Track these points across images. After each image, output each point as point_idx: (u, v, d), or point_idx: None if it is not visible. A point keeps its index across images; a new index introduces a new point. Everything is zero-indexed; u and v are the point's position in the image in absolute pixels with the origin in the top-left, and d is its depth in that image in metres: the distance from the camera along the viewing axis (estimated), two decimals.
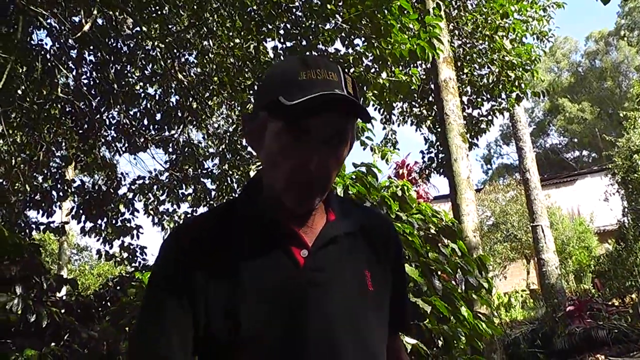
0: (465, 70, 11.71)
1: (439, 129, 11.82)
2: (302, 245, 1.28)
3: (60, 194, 9.27)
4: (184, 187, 10.12)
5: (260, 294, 1.22)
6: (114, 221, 9.44)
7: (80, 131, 8.90)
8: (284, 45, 7.28)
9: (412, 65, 8.06)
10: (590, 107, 40.75)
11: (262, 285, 1.23)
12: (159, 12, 8.10)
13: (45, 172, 9.31)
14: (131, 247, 9.43)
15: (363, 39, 6.41)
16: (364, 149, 8.56)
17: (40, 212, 9.06)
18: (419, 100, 12.27)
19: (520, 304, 18.42)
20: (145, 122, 9.45)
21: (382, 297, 1.36)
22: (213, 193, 10.03)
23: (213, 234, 1.30)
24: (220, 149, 10.30)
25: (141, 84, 9.36)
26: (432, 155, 12.37)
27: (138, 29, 8.24)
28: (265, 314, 1.21)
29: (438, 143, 12.21)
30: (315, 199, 1.27)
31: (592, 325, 11.18)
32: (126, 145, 9.48)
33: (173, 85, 9.07)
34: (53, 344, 4.72)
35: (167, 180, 10.08)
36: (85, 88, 8.64)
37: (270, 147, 1.26)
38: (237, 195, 1.42)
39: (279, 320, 1.21)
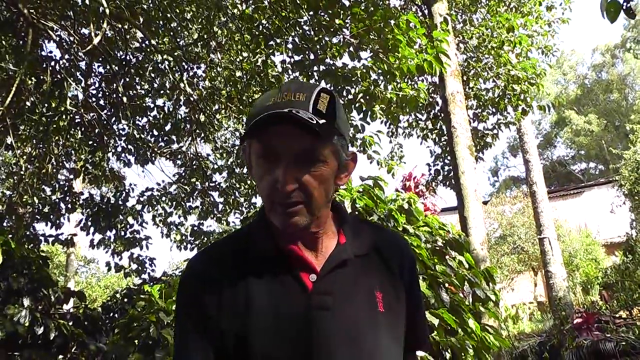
0: (471, 84, 11.74)
1: (444, 142, 11.86)
2: (310, 270, 1.31)
3: (69, 206, 9.31)
4: (191, 199, 10.16)
5: (269, 319, 1.26)
6: (122, 233, 9.49)
7: (90, 142, 8.95)
8: (292, 59, 7.32)
9: (419, 79, 8.08)
10: (597, 119, 40.66)
11: (272, 311, 1.26)
12: (168, 26, 8.16)
13: (54, 184, 9.35)
14: (140, 258, 9.48)
15: (371, 53, 6.43)
16: (371, 162, 8.58)
17: (49, 224, 9.11)
18: (424, 114, 12.31)
19: (528, 316, 18.33)
20: (154, 134, 9.51)
21: (395, 317, 1.37)
22: (220, 206, 10.06)
23: (228, 261, 1.35)
24: (228, 163, 10.34)
25: (150, 96, 9.41)
26: (438, 167, 12.40)
27: (147, 42, 8.30)
28: (274, 339, 1.24)
29: (444, 155, 12.25)
30: (299, 218, 1.29)
31: (600, 338, 11.08)
32: (135, 156, 9.53)
33: (181, 98, 9.12)
34: (61, 356, 4.74)
35: (175, 192, 10.12)
36: (94, 100, 8.69)
37: (253, 171, 1.34)
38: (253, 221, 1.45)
39: (287, 345, 1.24)
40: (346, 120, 1.37)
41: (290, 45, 7.23)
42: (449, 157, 11.70)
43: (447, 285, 3.62)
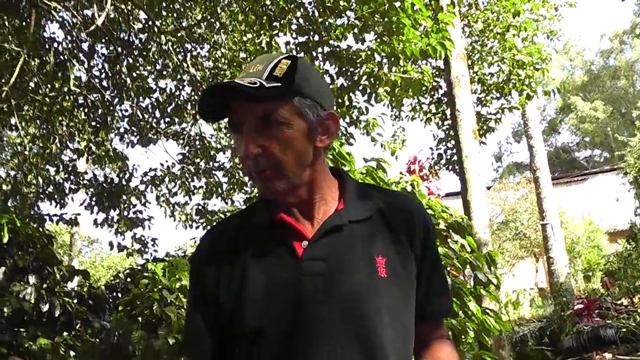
0: (476, 68, 11.70)
1: (447, 126, 11.83)
2: (302, 238, 1.32)
3: (73, 186, 9.35)
4: (195, 179, 10.20)
5: (262, 290, 1.28)
6: (126, 213, 9.53)
7: (93, 123, 8.97)
8: (296, 41, 7.30)
9: (423, 62, 8.04)
10: (603, 106, 40.37)
11: (265, 282, 1.29)
12: (172, 6, 8.13)
13: (58, 164, 9.38)
14: (143, 238, 9.53)
15: (375, 35, 6.40)
16: (374, 145, 8.59)
17: (53, 203, 9.16)
18: (427, 97, 12.27)
19: (529, 302, 18.37)
20: (157, 115, 9.52)
21: (402, 284, 1.34)
22: (224, 186, 10.09)
23: (232, 236, 1.40)
24: (232, 143, 10.35)
25: (153, 77, 9.41)
26: (441, 151, 12.38)
27: (150, 22, 8.28)
28: (265, 309, 1.27)
29: (447, 139, 12.23)
30: (275, 183, 1.30)
31: (601, 324, 11.11)
32: (138, 137, 9.55)
33: (185, 79, 9.11)
34: (65, 333, 4.79)
35: (179, 172, 10.16)
36: (97, 81, 8.69)
37: None
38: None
39: (280, 312, 1.26)
40: (317, 82, 1.37)
41: (294, 27, 7.19)
42: (452, 141, 11.70)
43: (448, 268, 3.64)
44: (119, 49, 8.16)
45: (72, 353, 4.58)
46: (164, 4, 8.04)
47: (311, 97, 1.32)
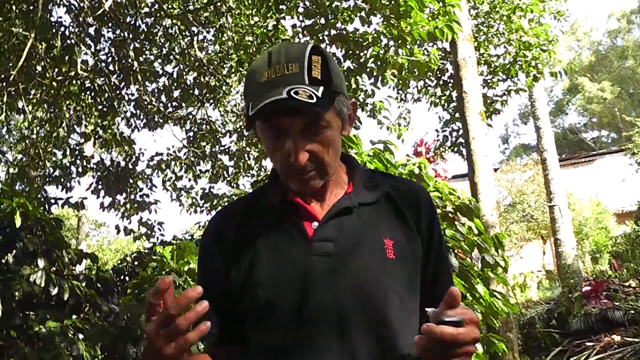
0: (482, 50, 11.61)
1: (453, 108, 11.77)
2: (312, 219, 1.35)
3: (79, 169, 9.38)
4: (201, 163, 10.21)
5: (272, 269, 1.31)
6: (132, 197, 9.57)
7: (100, 107, 8.98)
8: (303, 24, 7.26)
9: (429, 45, 7.98)
10: (610, 86, 40.04)
11: (275, 261, 1.31)
12: None
13: (65, 148, 9.41)
14: (149, 222, 9.56)
15: (382, 18, 6.36)
16: (381, 127, 8.58)
17: (60, 187, 9.19)
18: (434, 80, 12.19)
19: (536, 285, 18.36)
20: (164, 99, 9.51)
21: (408, 266, 1.36)
22: (230, 169, 10.10)
23: (240, 217, 1.42)
24: (238, 126, 10.36)
25: (160, 61, 9.40)
26: (447, 133, 12.32)
27: (157, 6, 8.25)
28: (276, 288, 1.29)
29: (452, 121, 12.16)
30: (316, 181, 1.34)
31: (609, 306, 11.06)
32: (144, 121, 9.56)
33: (191, 63, 9.10)
34: (74, 316, 4.81)
35: (185, 156, 10.18)
36: (104, 65, 8.69)
37: (263, 145, 1.37)
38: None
39: (290, 290, 1.28)
40: (340, 72, 1.38)
41: (301, 10, 7.16)
42: (457, 123, 11.65)
43: (456, 250, 3.64)
44: (126, 33, 8.15)
45: (80, 336, 4.60)
46: None
47: (343, 92, 1.35)
